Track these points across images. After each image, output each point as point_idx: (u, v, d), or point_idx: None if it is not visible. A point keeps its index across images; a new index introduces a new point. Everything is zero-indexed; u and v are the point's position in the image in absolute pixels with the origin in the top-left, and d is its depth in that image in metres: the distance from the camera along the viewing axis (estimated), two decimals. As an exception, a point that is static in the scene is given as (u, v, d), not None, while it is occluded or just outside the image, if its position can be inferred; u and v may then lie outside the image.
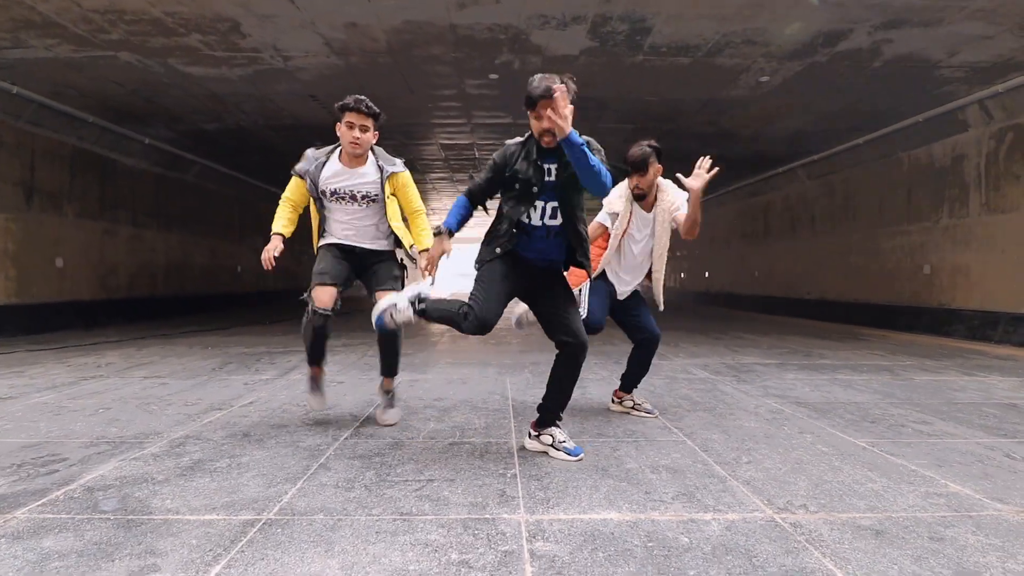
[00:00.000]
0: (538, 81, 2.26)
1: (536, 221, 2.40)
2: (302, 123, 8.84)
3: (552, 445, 2.44)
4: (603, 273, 3.10)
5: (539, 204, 2.38)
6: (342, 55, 6.32)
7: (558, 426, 2.50)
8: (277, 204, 3.00)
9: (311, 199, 2.92)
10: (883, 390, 3.95)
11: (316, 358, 3.00)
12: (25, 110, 7.52)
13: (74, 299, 8.64)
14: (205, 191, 12.30)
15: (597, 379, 4.24)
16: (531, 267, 2.46)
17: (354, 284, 3.00)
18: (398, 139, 10.12)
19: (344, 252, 2.92)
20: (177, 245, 11.43)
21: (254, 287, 14.56)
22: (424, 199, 17.84)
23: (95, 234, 9.14)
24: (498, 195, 2.51)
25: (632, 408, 3.26)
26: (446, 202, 18.56)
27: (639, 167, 2.94)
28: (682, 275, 19.23)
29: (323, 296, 2.81)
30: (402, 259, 3.05)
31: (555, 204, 2.39)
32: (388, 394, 3.10)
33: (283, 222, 2.94)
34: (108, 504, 1.95)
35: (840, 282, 10.54)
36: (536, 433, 2.51)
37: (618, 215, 3.05)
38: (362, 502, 1.95)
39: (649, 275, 3.17)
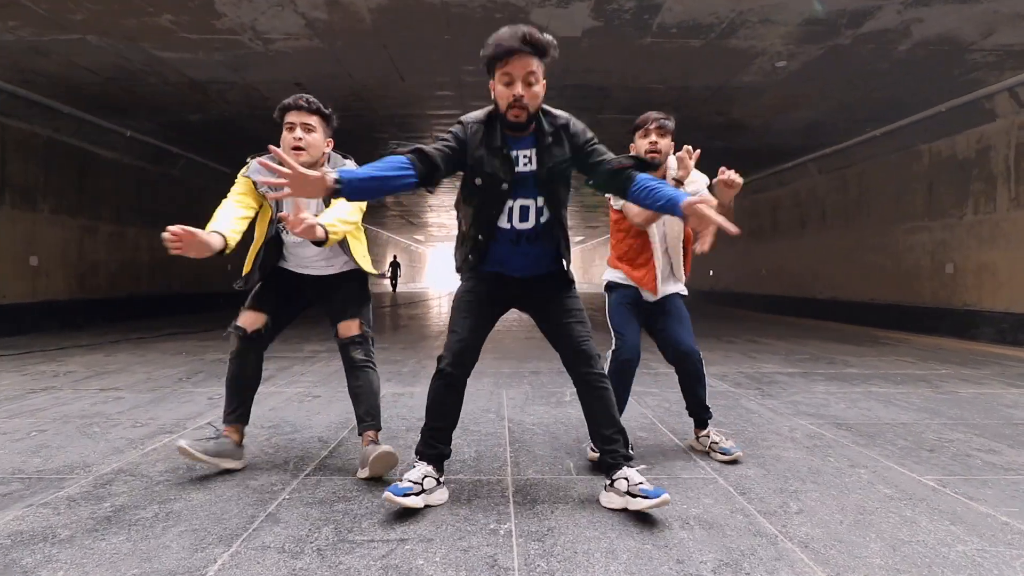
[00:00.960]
0: (508, 32, 1.78)
1: (503, 223, 1.94)
2: (289, 114, 8.36)
3: (628, 492, 1.86)
4: (611, 282, 2.56)
5: (507, 203, 1.92)
6: (326, 38, 5.84)
7: (629, 466, 1.95)
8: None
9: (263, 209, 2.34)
10: (927, 407, 3.50)
11: (232, 406, 2.30)
12: (-7, 99, 7.07)
13: (50, 299, 8.19)
14: (192, 186, 11.82)
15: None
16: (510, 281, 2.04)
17: (299, 316, 2.50)
18: (391, 132, 9.63)
19: (285, 278, 2.37)
20: (162, 242, 10.95)
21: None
22: (421, 195, 17.32)
23: (73, 231, 8.67)
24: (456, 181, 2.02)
25: (708, 448, 2.55)
26: (443, 198, 18.05)
27: (664, 127, 2.39)
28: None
29: (248, 317, 2.29)
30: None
31: (527, 203, 1.92)
32: (374, 443, 2.29)
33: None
34: (-20, 579, 1.50)
35: (854, 281, 10.07)
36: (608, 482, 1.95)
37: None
38: (310, 577, 1.50)
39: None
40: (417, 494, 1.88)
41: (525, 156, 1.91)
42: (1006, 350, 6.34)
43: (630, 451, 2.02)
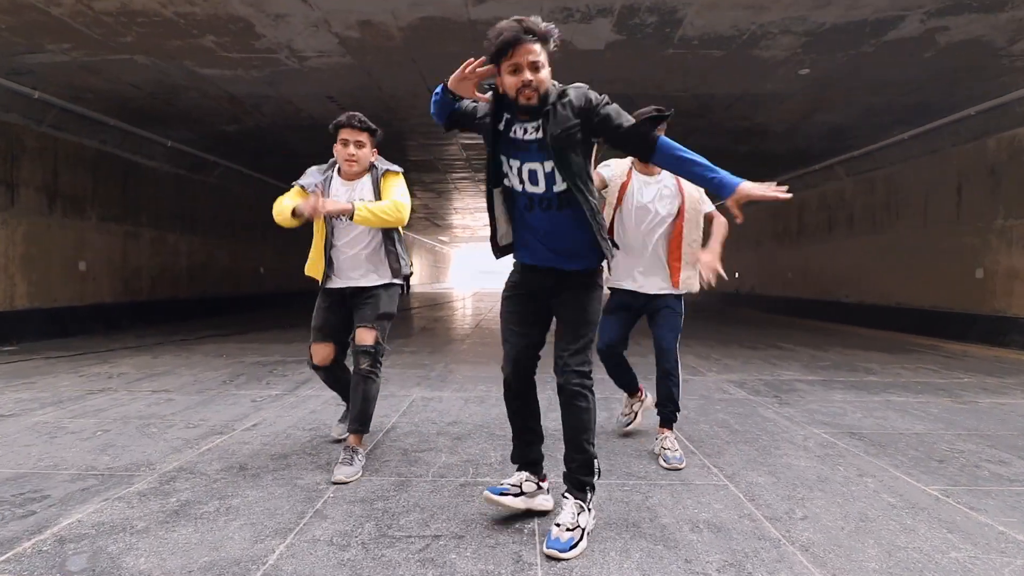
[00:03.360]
0: (508, 24, 1.82)
1: (516, 186, 1.99)
2: (320, 123, 8.63)
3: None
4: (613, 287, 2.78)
5: (514, 165, 1.97)
6: (357, 54, 6.10)
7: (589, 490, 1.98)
8: None
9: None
10: (944, 416, 3.56)
11: (344, 398, 2.96)
12: (47, 114, 7.51)
13: (97, 302, 8.66)
14: (227, 192, 12.29)
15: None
16: (544, 272, 2.05)
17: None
18: (418, 139, 9.91)
19: (335, 298, 2.72)
20: (199, 247, 11.44)
21: (276, 288, 14.56)
22: (447, 198, 17.61)
23: (118, 237, 9.15)
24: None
25: (658, 454, 2.67)
26: (468, 201, 18.35)
27: (659, 119, 2.30)
28: (710, 275, 18.66)
29: (319, 353, 2.74)
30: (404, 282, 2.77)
31: (534, 167, 1.93)
32: (352, 451, 2.51)
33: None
34: (76, 562, 1.74)
35: (882, 285, 9.97)
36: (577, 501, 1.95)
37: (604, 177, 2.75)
38: (356, 567, 1.70)
39: (677, 269, 2.72)
40: (516, 495, 2.03)
41: (534, 126, 1.92)
42: (1036, 358, 6.27)
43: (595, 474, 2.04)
